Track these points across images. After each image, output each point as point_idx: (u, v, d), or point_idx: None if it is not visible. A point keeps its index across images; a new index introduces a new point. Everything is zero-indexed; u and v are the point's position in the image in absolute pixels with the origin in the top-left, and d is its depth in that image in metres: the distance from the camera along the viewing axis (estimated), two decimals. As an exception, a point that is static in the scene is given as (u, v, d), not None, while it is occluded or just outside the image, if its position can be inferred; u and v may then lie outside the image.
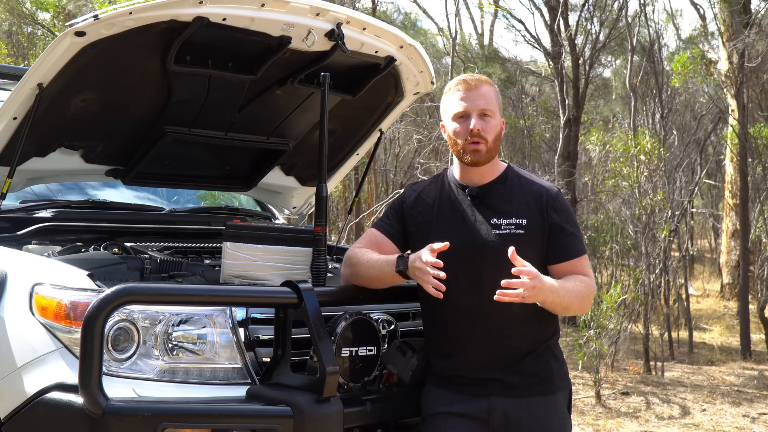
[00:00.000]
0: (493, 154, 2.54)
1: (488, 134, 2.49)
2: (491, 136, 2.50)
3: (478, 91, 2.50)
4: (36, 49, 12.71)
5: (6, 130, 2.87)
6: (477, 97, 2.49)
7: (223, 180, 3.92)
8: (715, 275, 15.70)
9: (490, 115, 2.51)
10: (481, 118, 2.49)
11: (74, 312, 2.32)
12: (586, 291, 2.47)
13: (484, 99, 2.50)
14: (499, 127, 2.55)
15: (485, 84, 2.54)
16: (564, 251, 2.49)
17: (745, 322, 9.03)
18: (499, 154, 2.64)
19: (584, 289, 2.46)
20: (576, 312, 2.58)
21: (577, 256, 2.50)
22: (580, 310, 2.56)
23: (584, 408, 6.25)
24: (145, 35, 2.73)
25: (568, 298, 2.40)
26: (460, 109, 2.51)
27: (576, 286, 2.44)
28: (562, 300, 2.38)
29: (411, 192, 2.67)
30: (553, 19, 10.86)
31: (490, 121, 2.50)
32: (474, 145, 2.48)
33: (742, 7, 10.52)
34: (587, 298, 2.48)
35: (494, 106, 2.52)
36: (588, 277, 2.50)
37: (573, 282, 2.44)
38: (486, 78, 2.58)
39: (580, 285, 2.45)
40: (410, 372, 2.56)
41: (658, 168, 8.61)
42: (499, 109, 2.55)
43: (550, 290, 2.31)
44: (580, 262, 2.51)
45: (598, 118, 18.33)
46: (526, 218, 2.47)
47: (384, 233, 2.61)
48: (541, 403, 2.45)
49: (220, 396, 2.36)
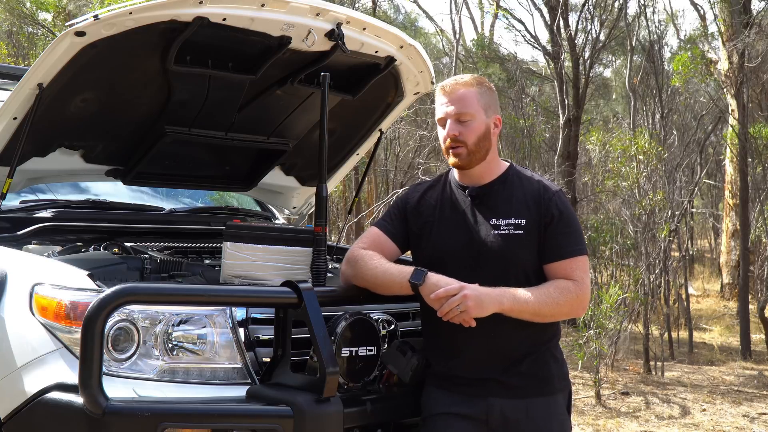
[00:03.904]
0: (478, 156, 2.51)
1: (467, 137, 2.49)
2: (471, 139, 2.49)
3: (454, 95, 2.50)
4: (36, 49, 12.71)
5: (6, 130, 2.87)
6: (453, 101, 2.50)
7: (223, 180, 3.92)
8: (715, 275, 15.70)
9: (468, 119, 2.49)
10: (457, 122, 2.50)
11: (74, 312, 2.32)
12: (562, 297, 2.39)
13: (460, 103, 2.49)
14: (484, 128, 2.51)
15: (462, 87, 2.51)
16: (555, 251, 2.45)
17: (745, 322, 9.03)
18: (498, 154, 2.63)
19: (559, 296, 2.39)
20: (554, 318, 2.46)
21: (569, 257, 2.44)
22: (558, 316, 2.46)
23: (584, 408, 6.25)
24: (145, 35, 2.73)
25: (535, 306, 2.35)
26: (441, 115, 2.54)
27: (548, 293, 2.38)
28: (525, 308, 2.35)
29: (414, 192, 2.67)
30: (553, 19, 10.86)
31: (468, 125, 2.49)
32: (453, 150, 2.50)
33: (742, 7, 10.51)
34: (564, 304, 2.39)
35: (473, 108, 2.50)
36: (575, 281, 2.42)
37: (547, 288, 2.39)
38: (467, 80, 2.54)
39: (554, 292, 2.39)
40: (410, 372, 2.56)
41: (657, 168, 8.61)
42: (483, 109, 2.51)
43: (497, 300, 2.31)
44: (571, 263, 2.44)
45: (598, 118, 18.35)
46: (525, 218, 2.46)
47: (386, 233, 2.61)
48: (540, 405, 2.45)
49: (220, 396, 2.36)
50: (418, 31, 18.90)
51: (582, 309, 2.49)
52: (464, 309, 2.29)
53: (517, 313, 2.36)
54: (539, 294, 2.38)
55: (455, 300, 2.29)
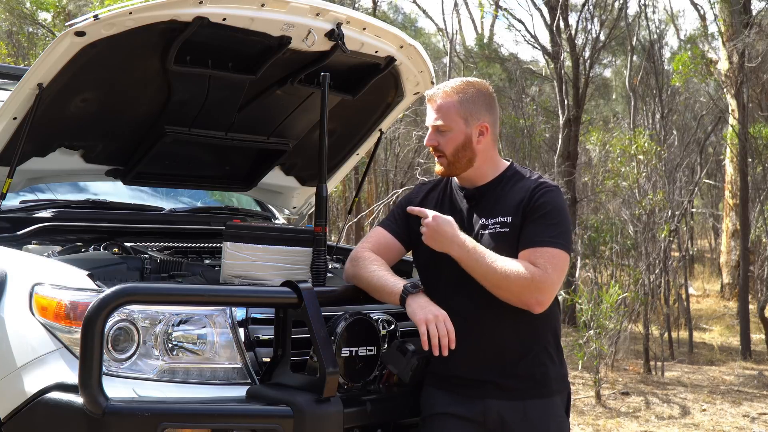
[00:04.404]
0: (460, 165, 2.51)
1: (445, 148, 2.50)
2: (449, 149, 2.50)
3: (434, 104, 2.53)
4: (36, 49, 12.70)
5: (6, 130, 2.87)
6: (432, 112, 2.54)
7: (223, 180, 3.92)
8: (715, 275, 15.70)
9: (446, 130, 2.50)
10: (436, 132, 2.52)
11: (74, 312, 2.32)
12: (516, 274, 2.27)
13: (438, 113, 2.51)
14: (462, 138, 2.48)
15: (443, 97, 2.50)
16: (528, 239, 2.37)
17: (745, 322, 9.03)
18: (499, 153, 2.63)
19: (512, 271, 2.28)
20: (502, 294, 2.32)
21: (540, 246, 2.33)
22: (507, 293, 2.32)
23: (584, 408, 6.25)
24: (145, 35, 2.73)
25: (484, 267, 2.30)
26: (426, 123, 2.59)
27: (504, 263, 2.29)
28: (474, 265, 2.31)
29: (417, 192, 2.69)
30: (553, 19, 10.85)
31: (446, 134, 2.50)
32: (437, 158, 2.55)
33: (742, 7, 10.51)
34: (515, 281, 2.27)
35: (450, 119, 2.49)
36: (535, 267, 2.29)
37: (507, 261, 2.30)
38: (449, 89, 2.51)
39: (511, 265, 2.29)
40: (410, 372, 2.55)
41: (657, 167, 8.61)
42: (463, 119, 2.48)
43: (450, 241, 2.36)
44: (538, 251, 2.32)
45: (598, 118, 18.34)
46: (512, 216, 2.43)
47: (390, 233, 2.62)
48: (537, 406, 2.44)
49: (220, 396, 2.36)
50: (418, 31, 18.90)
51: (536, 299, 2.31)
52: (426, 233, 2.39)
53: (466, 266, 2.35)
54: (496, 260, 2.32)
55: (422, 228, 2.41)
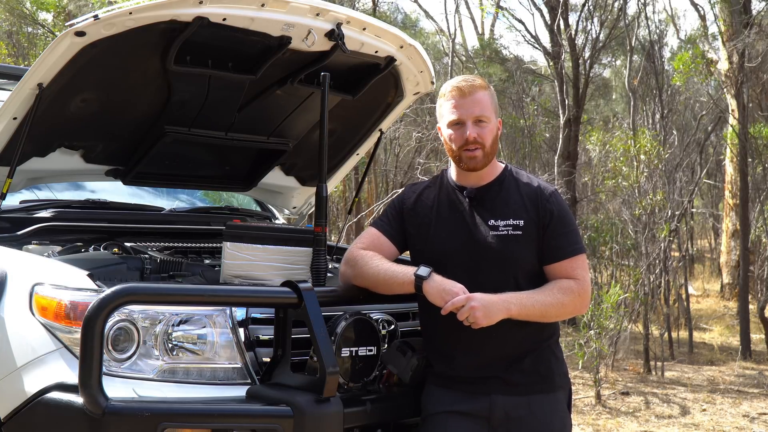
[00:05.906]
0: (491, 158, 2.55)
1: (485, 139, 2.51)
2: (488, 141, 2.52)
3: (472, 98, 2.50)
4: (36, 49, 12.71)
5: (6, 130, 2.87)
6: (471, 104, 2.50)
7: (223, 180, 3.92)
8: (715, 275, 15.69)
9: (486, 121, 2.51)
10: (477, 125, 2.51)
11: (74, 312, 2.32)
12: (566, 297, 2.43)
13: (479, 106, 2.50)
14: (496, 130, 2.56)
15: (479, 89, 2.52)
16: (555, 252, 2.48)
17: (745, 322, 9.02)
18: (498, 154, 2.64)
19: (563, 296, 2.43)
20: (559, 318, 2.52)
21: (569, 256, 2.48)
22: (563, 315, 2.52)
23: (584, 408, 6.25)
24: (145, 35, 2.73)
25: (540, 308, 2.40)
26: (454, 117, 2.52)
27: (552, 294, 2.42)
28: (532, 311, 2.39)
29: (411, 193, 2.67)
30: (553, 19, 10.86)
31: (485, 127, 2.51)
32: (470, 152, 2.50)
33: (742, 7, 10.51)
34: (568, 303, 2.45)
35: (489, 110, 2.52)
36: (577, 280, 2.47)
37: (551, 290, 2.43)
38: (480, 82, 2.56)
39: (558, 292, 2.43)
40: (410, 372, 2.56)
41: (658, 168, 8.61)
42: (494, 112, 2.55)
43: (504, 307, 2.34)
44: (572, 263, 2.48)
45: (598, 118, 18.34)
46: (523, 219, 2.47)
47: (384, 233, 2.62)
48: (542, 401, 2.47)
49: (220, 396, 2.36)
50: (419, 31, 18.89)
51: (584, 306, 2.53)
52: (473, 320, 2.32)
53: (525, 317, 2.39)
54: (544, 296, 2.41)
55: (464, 312, 2.31)
